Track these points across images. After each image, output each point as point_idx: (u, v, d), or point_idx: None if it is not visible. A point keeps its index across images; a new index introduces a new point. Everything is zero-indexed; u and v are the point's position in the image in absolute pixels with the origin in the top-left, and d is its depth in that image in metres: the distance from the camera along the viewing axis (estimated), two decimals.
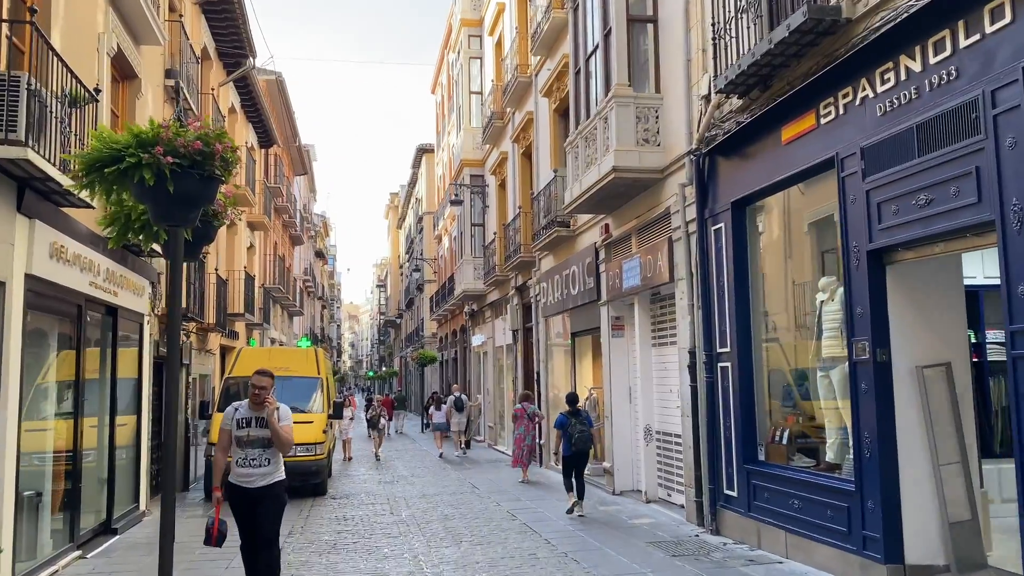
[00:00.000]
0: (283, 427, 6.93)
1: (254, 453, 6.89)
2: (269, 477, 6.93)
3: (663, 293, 12.38)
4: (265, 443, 6.91)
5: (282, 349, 22.03)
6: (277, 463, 7.04)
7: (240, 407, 7.06)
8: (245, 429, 6.93)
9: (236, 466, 6.90)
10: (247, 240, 25.38)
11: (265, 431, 6.89)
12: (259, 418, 6.92)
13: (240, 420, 6.97)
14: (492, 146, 25.18)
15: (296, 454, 14.38)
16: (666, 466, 12.45)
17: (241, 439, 6.91)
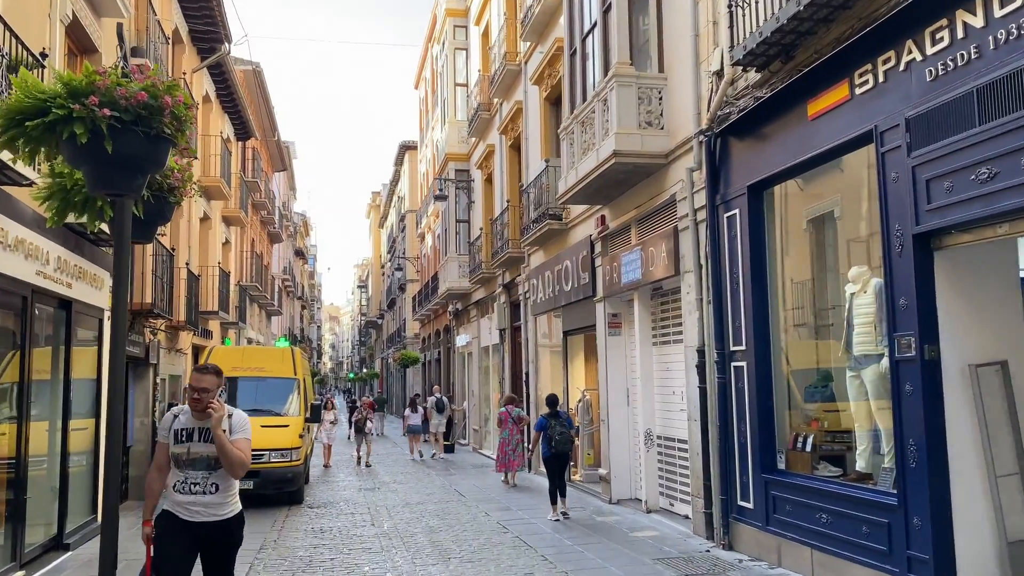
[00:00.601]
0: (236, 441, 5.17)
1: (196, 476, 5.15)
2: (217, 510, 5.18)
3: (666, 288, 11.55)
4: (211, 463, 5.15)
5: (257, 348, 20.95)
6: (229, 491, 5.27)
7: (181, 414, 5.32)
8: (184, 444, 5.18)
9: (174, 491, 5.19)
10: (223, 235, 24.35)
11: (211, 447, 5.11)
12: (203, 429, 5.15)
13: (179, 432, 5.22)
14: (478, 139, 24.31)
15: (270, 460, 13.52)
16: (669, 474, 11.62)
17: (180, 457, 5.17)
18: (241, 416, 5.39)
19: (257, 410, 14.61)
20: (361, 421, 21.70)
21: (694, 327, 9.93)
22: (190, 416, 5.23)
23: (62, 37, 9.77)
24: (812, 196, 8.78)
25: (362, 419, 21.71)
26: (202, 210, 20.86)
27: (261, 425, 14.00)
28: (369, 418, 21.91)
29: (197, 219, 20.54)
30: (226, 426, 5.19)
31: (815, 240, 8.84)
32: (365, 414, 21.99)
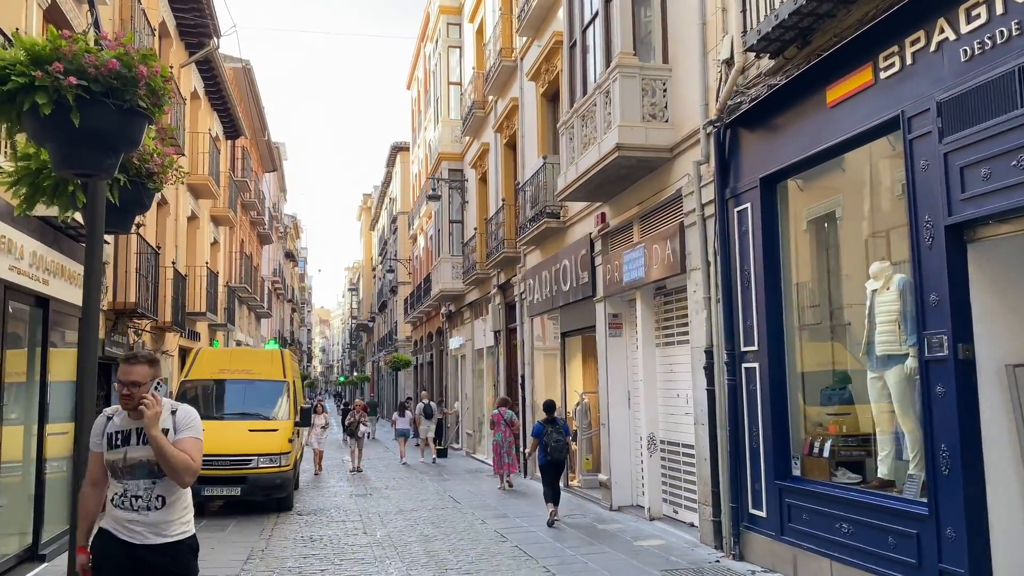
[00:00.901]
0: (181, 442, 4.23)
1: (137, 488, 4.20)
2: (163, 529, 4.21)
3: (670, 287, 11.15)
4: (154, 470, 4.20)
5: (245, 350, 20.43)
6: (178, 507, 4.29)
7: (116, 414, 4.37)
8: (120, 449, 4.23)
9: (112, 506, 4.27)
10: (211, 235, 23.86)
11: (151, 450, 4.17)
12: (142, 430, 4.23)
13: (113, 435, 4.27)
14: (472, 138, 23.88)
15: (258, 465, 13.08)
16: (673, 480, 11.20)
17: (116, 465, 4.23)
18: (187, 413, 4.43)
19: (245, 414, 14.21)
20: (354, 424, 21.04)
21: (701, 327, 9.52)
22: (126, 416, 4.31)
23: (39, 20, 9.30)
24: (830, 188, 8.38)
25: (355, 422, 21.06)
26: (190, 209, 20.37)
27: (249, 429, 13.61)
28: (363, 421, 21.26)
29: (184, 218, 20.05)
30: (169, 424, 4.27)
31: (832, 234, 8.44)
32: (358, 417, 21.33)
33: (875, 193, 7.68)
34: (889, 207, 7.51)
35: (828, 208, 8.50)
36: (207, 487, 12.87)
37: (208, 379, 14.61)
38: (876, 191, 7.65)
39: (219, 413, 14.27)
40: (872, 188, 7.68)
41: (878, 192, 7.62)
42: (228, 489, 13.01)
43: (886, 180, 7.39)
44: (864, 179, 7.86)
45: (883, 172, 7.51)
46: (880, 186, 7.71)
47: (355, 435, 20.90)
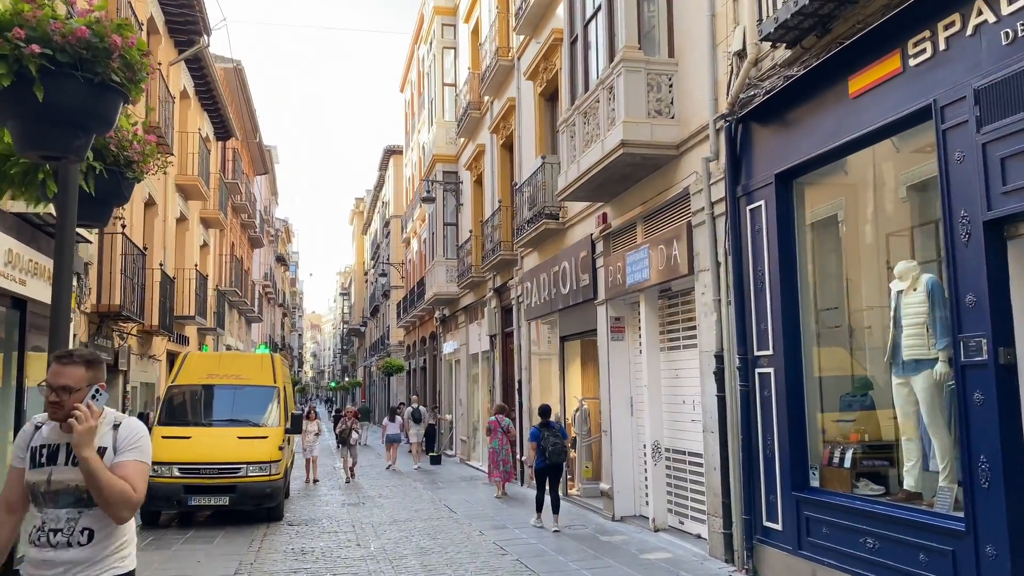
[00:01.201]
0: (120, 465, 3.33)
1: (58, 519, 3.31)
2: (87, 570, 3.30)
3: (676, 289, 10.75)
4: (82, 497, 3.31)
5: (234, 354, 19.87)
6: (109, 542, 3.36)
7: (45, 424, 3.48)
8: (44, 468, 3.36)
9: (28, 544, 3.35)
10: (200, 237, 23.38)
11: (80, 473, 3.26)
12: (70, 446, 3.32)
13: (38, 450, 3.41)
14: (467, 140, 23.48)
15: (248, 474, 12.62)
16: (679, 489, 10.78)
17: (37, 488, 3.36)
18: (133, 429, 3.44)
19: (234, 420, 13.75)
20: (346, 432, 20.08)
21: (711, 330, 9.12)
22: (56, 427, 3.38)
23: None
24: (848, 184, 8.00)
25: (347, 429, 20.11)
26: (179, 210, 19.89)
27: (238, 436, 13.15)
28: (355, 428, 20.33)
29: (173, 219, 19.58)
30: (108, 442, 3.36)
31: (853, 232, 8.05)
32: (350, 424, 20.37)
33: (897, 189, 7.30)
34: (919, 201, 7.14)
35: (846, 205, 8.12)
36: (195, 496, 12.42)
37: (196, 384, 14.14)
38: (898, 187, 7.26)
39: (207, 419, 13.81)
40: (895, 184, 7.30)
41: (901, 188, 7.24)
42: (216, 498, 12.54)
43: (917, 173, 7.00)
44: (886, 175, 7.48)
45: (913, 164, 7.13)
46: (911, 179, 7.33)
47: (347, 443, 19.94)
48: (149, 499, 12.44)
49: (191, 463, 12.51)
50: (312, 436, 19.20)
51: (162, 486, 12.35)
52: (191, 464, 12.51)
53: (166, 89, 17.09)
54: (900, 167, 7.34)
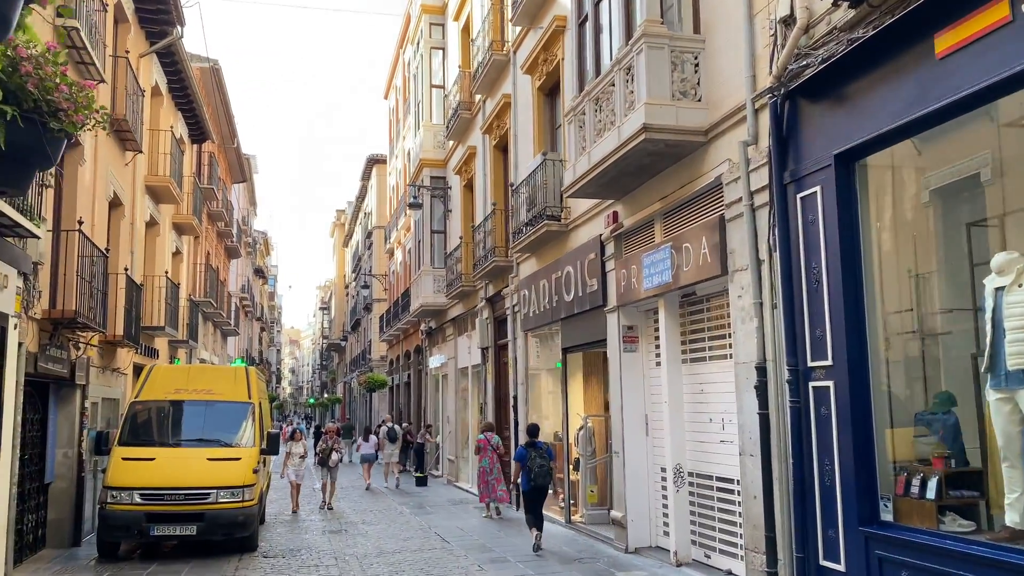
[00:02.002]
0: None
1: None
2: None
3: (702, 292, 9.62)
4: None
5: (205, 367, 18.41)
6: None
7: None
8: None
9: None
10: (173, 244, 22.03)
11: None
12: None
13: None
14: (457, 142, 22.34)
15: (218, 500, 11.34)
16: (705, 519, 9.60)
17: None
18: None
19: (203, 440, 12.47)
20: (326, 452, 18.08)
21: (750, 339, 7.98)
22: None
23: None
24: (921, 165, 6.89)
25: (327, 449, 18.14)
26: (148, 213, 18.57)
27: (208, 458, 11.88)
28: (336, 448, 18.33)
29: (142, 222, 18.24)
30: None
31: (938, 219, 6.93)
32: (331, 443, 18.37)
33: (994, 166, 6.20)
34: (1006, 186, 6.04)
35: (919, 188, 7.01)
36: (157, 526, 11.13)
37: (162, 400, 12.82)
38: (995, 163, 6.17)
39: (174, 439, 12.48)
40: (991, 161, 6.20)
41: (997, 165, 6.14)
42: (182, 528, 11.23)
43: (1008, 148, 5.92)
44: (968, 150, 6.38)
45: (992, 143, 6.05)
46: (983, 163, 6.25)
47: (326, 464, 17.93)
48: (106, 528, 11.21)
49: (154, 488, 11.21)
50: (297, 459, 17.33)
51: (121, 514, 11.07)
52: (154, 489, 11.20)
53: (135, 81, 15.83)
54: (984, 143, 6.24)
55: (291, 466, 17.21)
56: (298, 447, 17.39)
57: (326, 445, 18.37)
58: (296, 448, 17.36)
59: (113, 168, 14.96)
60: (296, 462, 17.23)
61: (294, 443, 17.47)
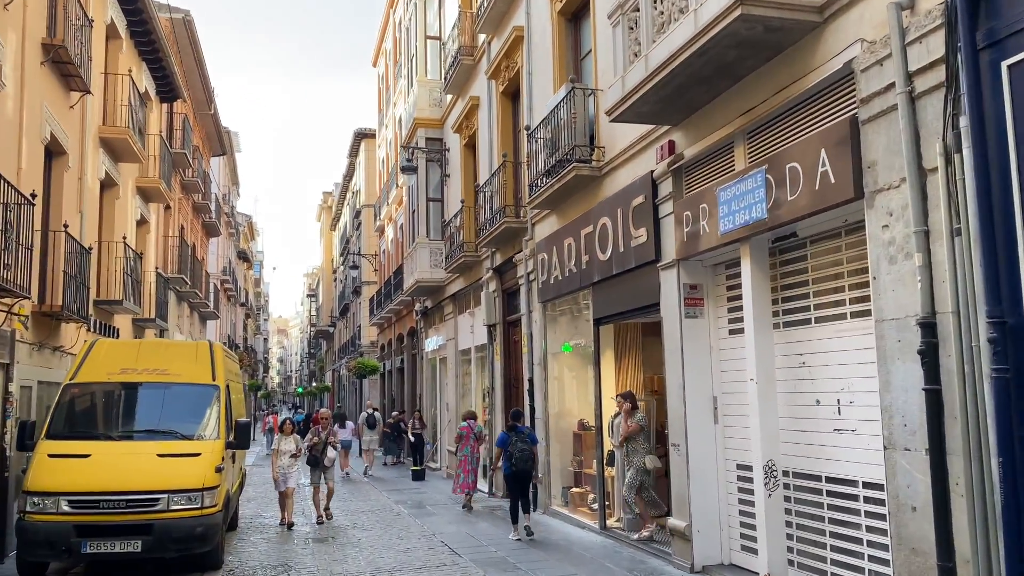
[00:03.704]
0: None
1: None
2: None
3: (805, 233, 7.24)
4: None
5: (159, 342, 15.56)
6: None
7: None
8: None
9: None
10: (137, 210, 19.48)
11: None
12: None
13: None
14: (456, 96, 19.87)
15: (169, 508, 8.97)
16: (809, 531, 7.24)
17: None
18: None
19: (154, 432, 10.05)
20: (319, 448, 13.62)
21: (904, 284, 5.61)
22: None
23: None
24: None
25: (320, 444, 13.64)
26: (103, 169, 16.05)
27: (159, 454, 9.47)
28: (332, 442, 13.90)
29: (96, 180, 15.74)
30: None
31: None
32: (325, 436, 13.76)
33: None
34: None
35: None
36: (91, 541, 8.73)
37: (104, 382, 10.37)
38: None
39: (117, 431, 10.03)
40: None
41: None
42: (124, 543, 8.82)
43: None
44: None
45: None
46: None
47: (318, 465, 13.58)
48: (26, 545, 8.74)
49: (87, 493, 8.79)
50: (287, 459, 13.12)
51: (44, 526, 8.66)
52: (87, 495, 8.78)
53: (79, 7, 13.31)
54: None
55: (280, 467, 13.07)
56: (288, 443, 13.25)
57: (319, 438, 13.80)
58: (286, 444, 13.23)
59: (51, 107, 12.47)
60: (286, 462, 13.09)
61: (283, 437, 13.36)
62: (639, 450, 10.30)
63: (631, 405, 10.42)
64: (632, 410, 10.37)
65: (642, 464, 10.27)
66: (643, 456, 10.26)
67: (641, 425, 10.28)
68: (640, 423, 10.31)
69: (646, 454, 10.30)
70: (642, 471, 10.24)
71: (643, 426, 10.34)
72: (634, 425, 10.22)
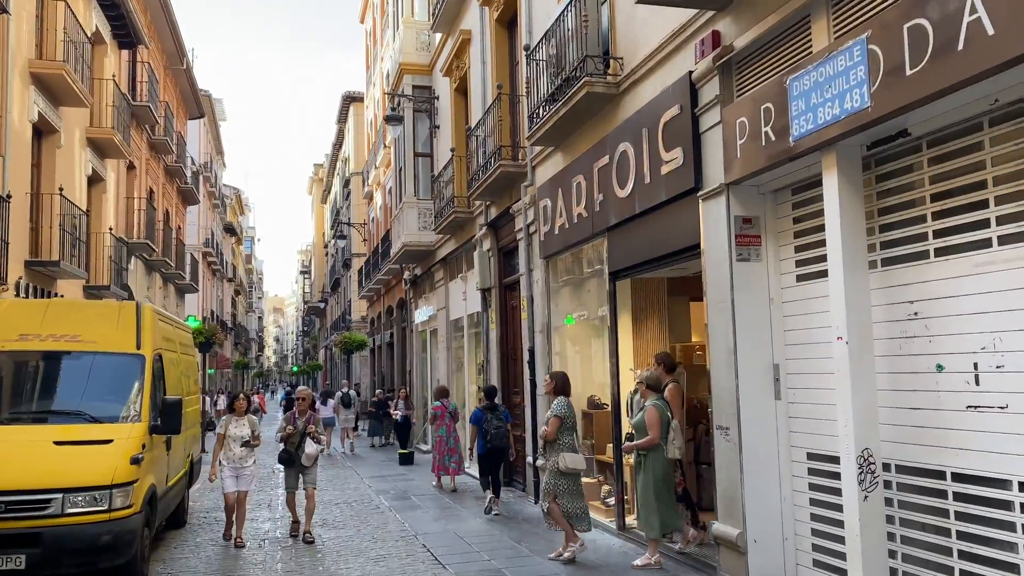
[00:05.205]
0: None
1: None
2: None
3: (920, 130, 5.11)
4: None
5: (72, 302, 12.34)
6: None
7: None
8: None
9: None
10: (87, 164, 17.31)
11: None
12: None
13: None
14: (446, 35, 17.65)
15: (64, 510, 6.88)
16: (926, 546, 5.16)
17: None
18: None
19: (53, 412, 7.97)
20: (293, 440, 9.69)
21: None
22: None
23: None
24: None
25: (295, 436, 9.69)
26: (35, 110, 13.88)
27: (55, 441, 7.39)
28: (313, 433, 9.79)
29: (27, 122, 13.59)
30: None
31: None
32: (304, 424, 9.77)
33: None
34: None
35: None
36: None
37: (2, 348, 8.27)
38: None
39: (5, 414, 7.92)
40: None
41: None
42: (10, 557, 6.75)
43: None
44: None
45: None
46: None
47: (293, 462, 9.74)
48: None
49: None
50: (238, 448, 9.41)
51: None
52: None
53: None
54: None
55: (226, 460, 9.43)
56: (239, 426, 9.50)
57: (294, 427, 9.76)
58: (237, 427, 9.49)
59: None
60: (237, 453, 9.41)
61: (233, 419, 9.60)
62: (557, 446, 8.13)
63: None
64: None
65: (555, 466, 8.10)
66: (559, 453, 8.09)
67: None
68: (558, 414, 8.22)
69: (562, 451, 8.08)
70: (555, 474, 8.12)
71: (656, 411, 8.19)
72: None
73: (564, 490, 8.06)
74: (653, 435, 7.61)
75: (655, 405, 7.74)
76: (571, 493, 8.08)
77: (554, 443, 8.13)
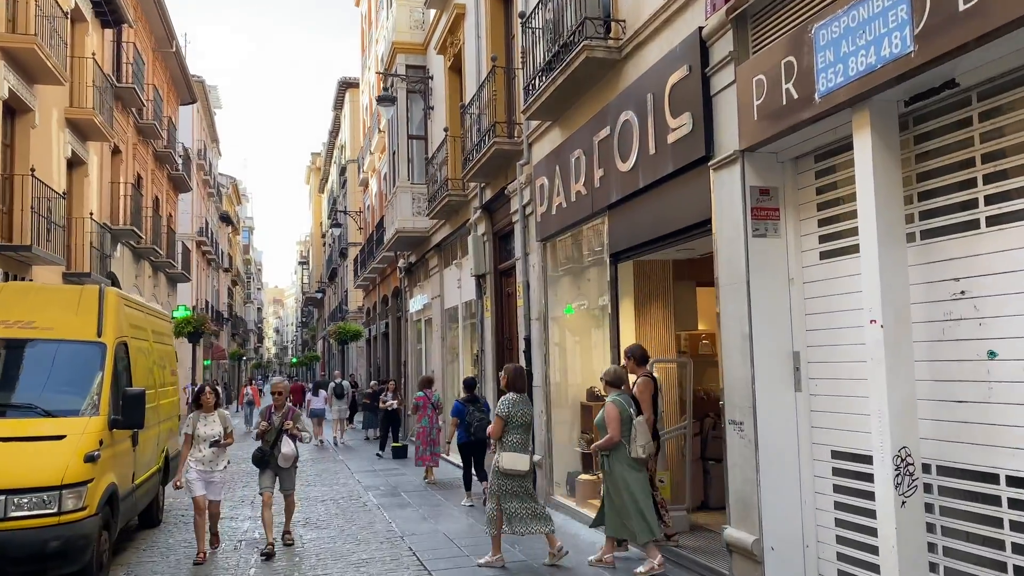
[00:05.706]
0: None
1: None
2: None
3: (971, 80, 4.41)
4: None
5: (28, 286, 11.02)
6: None
7: None
8: None
9: None
10: (66, 146, 16.62)
11: None
12: None
13: None
14: (440, 11, 16.91)
15: (8, 514, 6.18)
16: (976, 560, 4.49)
17: None
18: None
19: (3, 405, 7.28)
20: (268, 438, 8.59)
21: None
22: None
23: None
24: None
25: (270, 432, 8.58)
26: (5, 86, 13.18)
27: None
28: (292, 429, 8.66)
29: None
30: None
31: None
32: (281, 420, 8.63)
33: None
34: None
35: None
36: None
37: None
38: None
39: None
40: None
41: None
42: None
43: None
44: None
45: None
46: None
47: (267, 466, 8.64)
48: None
49: None
50: (208, 449, 8.30)
51: None
52: None
53: None
54: None
55: (194, 463, 8.30)
56: (209, 423, 8.36)
57: (269, 423, 8.62)
58: (206, 426, 8.34)
59: None
60: (207, 454, 8.30)
61: (201, 415, 8.40)
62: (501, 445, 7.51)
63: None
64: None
65: (496, 465, 7.48)
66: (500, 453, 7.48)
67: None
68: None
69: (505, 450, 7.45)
70: (496, 474, 7.48)
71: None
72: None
73: (506, 491, 7.42)
74: (612, 432, 7.03)
75: (614, 401, 7.15)
76: (514, 495, 7.42)
77: (499, 441, 7.49)
